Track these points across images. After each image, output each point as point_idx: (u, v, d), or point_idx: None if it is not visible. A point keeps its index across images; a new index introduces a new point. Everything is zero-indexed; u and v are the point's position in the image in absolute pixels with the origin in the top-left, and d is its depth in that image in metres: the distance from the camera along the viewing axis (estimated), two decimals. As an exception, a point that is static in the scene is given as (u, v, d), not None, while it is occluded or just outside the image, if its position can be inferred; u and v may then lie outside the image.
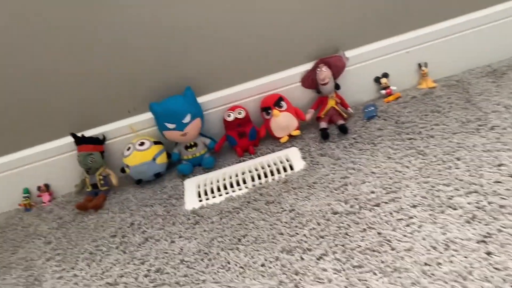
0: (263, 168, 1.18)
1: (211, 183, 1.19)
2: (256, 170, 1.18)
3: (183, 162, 1.26)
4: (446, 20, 1.26)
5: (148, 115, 1.26)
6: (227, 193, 1.14)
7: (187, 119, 1.19)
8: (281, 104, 1.23)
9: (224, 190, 1.16)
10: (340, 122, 1.22)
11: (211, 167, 1.25)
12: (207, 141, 1.28)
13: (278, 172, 1.15)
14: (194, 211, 1.10)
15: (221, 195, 1.14)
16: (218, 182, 1.19)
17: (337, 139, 1.19)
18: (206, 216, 1.07)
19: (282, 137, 1.25)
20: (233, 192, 1.13)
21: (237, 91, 1.27)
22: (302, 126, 1.28)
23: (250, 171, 1.18)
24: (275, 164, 1.18)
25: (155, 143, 1.25)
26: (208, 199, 1.14)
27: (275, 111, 1.22)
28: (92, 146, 1.25)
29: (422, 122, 1.15)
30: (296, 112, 1.26)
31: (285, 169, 1.16)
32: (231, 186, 1.16)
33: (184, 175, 1.25)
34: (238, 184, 1.16)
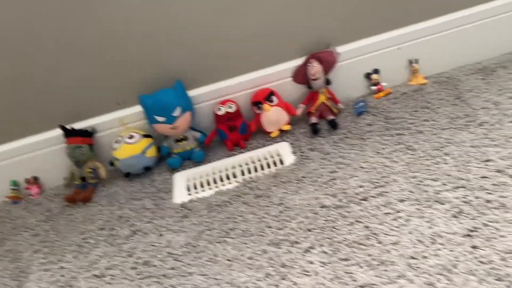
0: (253, 162, 1.18)
1: (201, 177, 1.19)
2: (246, 164, 1.18)
3: (173, 156, 1.26)
4: (437, 17, 1.26)
5: (138, 108, 1.25)
6: (217, 187, 1.14)
7: (177, 112, 1.18)
8: (272, 99, 1.23)
9: (214, 184, 1.15)
10: (330, 117, 1.22)
11: (201, 161, 1.25)
12: (197, 134, 1.27)
13: (268, 166, 1.15)
14: (183, 204, 1.10)
15: (210, 189, 1.14)
16: (208, 176, 1.18)
17: (327, 134, 1.20)
18: (195, 210, 1.07)
19: (273, 131, 1.25)
20: (222, 186, 1.13)
21: (228, 85, 1.26)
22: (293, 121, 1.27)
23: (240, 165, 1.18)
24: (265, 158, 1.18)
25: (145, 136, 1.24)
26: (197, 192, 1.14)
27: (266, 106, 1.22)
28: (81, 139, 1.24)
29: (412, 118, 1.15)
30: (287, 107, 1.25)
31: (275, 163, 1.16)
32: (221, 180, 1.16)
33: (174, 169, 1.25)
34: (228, 178, 1.16)
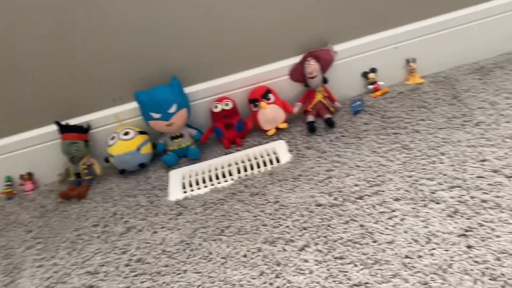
0: (249, 160, 1.17)
1: (196, 174, 1.18)
2: (243, 162, 1.17)
3: (168, 153, 1.25)
4: (435, 16, 1.26)
5: (134, 105, 1.24)
6: (212, 184, 1.13)
7: (173, 109, 1.18)
8: (268, 97, 1.23)
9: (210, 181, 1.15)
10: (327, 115, 1.22)
11: (197, 158, 1.24)
12: (193, 132, 1.26)
13: (265, 164, 1.15)
14: (178, 202, 1.09)
15: (206, 186, 1.14)
16: (203, 173, 1.18)
17: (323, 132, 1.19)
18: (190, 207, 1.06)
19: (269, 129, 1.24)
20: (218, 184, 1.13)
21: (225, 82, 1.26)
22: (290, 119, 1.27)
23: (236, 163, 1.18)
24: (261, 156, 1.17)
25: (140, 133, 1.24)
26: (192, 190, 1.13)
27: (263, 104, 1.21)
28: (76, 135, 1.23)
29: (408, 117, 1.15)
30: (283, 105, 1.25)
31: (271, 161, 1.15)
32: (217, 178, 1.15)
33: (169, 166, 1.24)
34: (224, 176, 1.15)
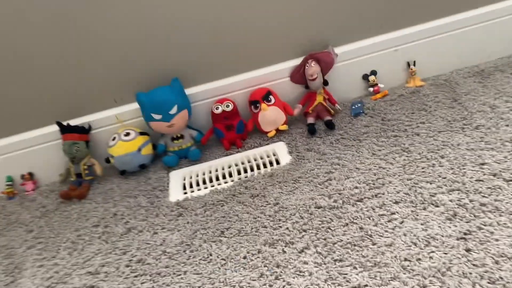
0: (249, 162, 1.18)
1: (197, 175, 1.19)
2: (243, 163, 1.18)
3: (169, 154, 1.25)
4: (435, 19, 1.26)
5: (135, 106, 1.24)
6: (213, 186, 1.14)
7: (173, 110, 1.18)
8: (269, 98, 1.23)
9: (210, 183, 1.15)
10: (327, 118, 1.22)
11: (197, 159, 1.25)
12: (194, 133, 1.27)
13: (265, 166, 1.15)
14: (178, 203, 1.09)
15: (206, 187, 1.14)
16: (204, 175, 1.18)
17: (323, 134, 1.20)
18: (190, 208, 1.07)
19: (270, 131, 1.25)
20: (218, 185, 1.13)
21: (225, 84, 1.26)
22: (290, 121, 1.28)
23: (237, 165, 1.18)
24: (261, 158, 1.18)
25: (141, 134, 1.24)
26: (193, 191, 1.14)
27: (263, 105, 1.22)
28: (78, 135, 1.23)
29: (408, 120, 1.15)
30: (284, 106, 1.25)
31: (271, 163, 1.16)
32: (217, 179, 1.16)
33: (170, 167, 1.24)
34: (224, 177, 1.15)
